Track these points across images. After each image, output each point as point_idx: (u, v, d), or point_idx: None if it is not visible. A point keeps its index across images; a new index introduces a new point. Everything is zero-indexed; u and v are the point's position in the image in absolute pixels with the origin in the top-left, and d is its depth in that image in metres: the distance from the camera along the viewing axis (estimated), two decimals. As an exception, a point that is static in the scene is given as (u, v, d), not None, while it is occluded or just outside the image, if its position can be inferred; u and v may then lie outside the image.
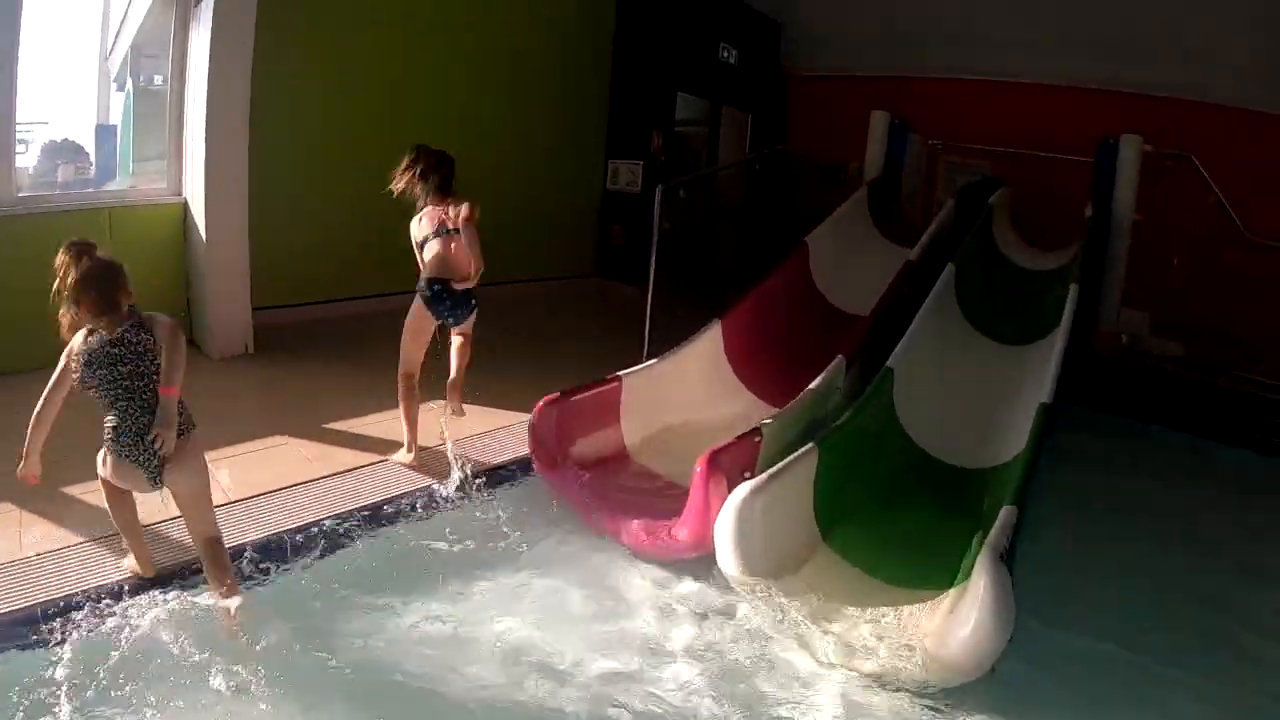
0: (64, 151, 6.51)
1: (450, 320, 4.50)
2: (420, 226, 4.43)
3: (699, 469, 3.65)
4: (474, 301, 4.50)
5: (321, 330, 6.97)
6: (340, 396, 5.36)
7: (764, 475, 3.52)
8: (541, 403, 4.35)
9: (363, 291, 7.53)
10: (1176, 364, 7.22)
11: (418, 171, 4.35)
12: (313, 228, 7.20)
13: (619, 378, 4.71)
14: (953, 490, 4.35)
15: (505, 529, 4.01)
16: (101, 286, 2.76)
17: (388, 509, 4.02)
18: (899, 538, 4.01)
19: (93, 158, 6.71)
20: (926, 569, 3.59)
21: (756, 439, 3.96)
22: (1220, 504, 5.48)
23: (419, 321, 4.46)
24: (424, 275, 4.38)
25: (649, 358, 5.25)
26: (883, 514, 4.15)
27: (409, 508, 4.06)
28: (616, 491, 4.34)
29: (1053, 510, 4.50)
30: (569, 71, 9.59)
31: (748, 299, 5.59)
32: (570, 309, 8.89)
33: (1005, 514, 3.28)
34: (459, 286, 4.35)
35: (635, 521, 3.95)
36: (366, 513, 3.95)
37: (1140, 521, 4.98)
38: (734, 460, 3.79)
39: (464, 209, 4.30)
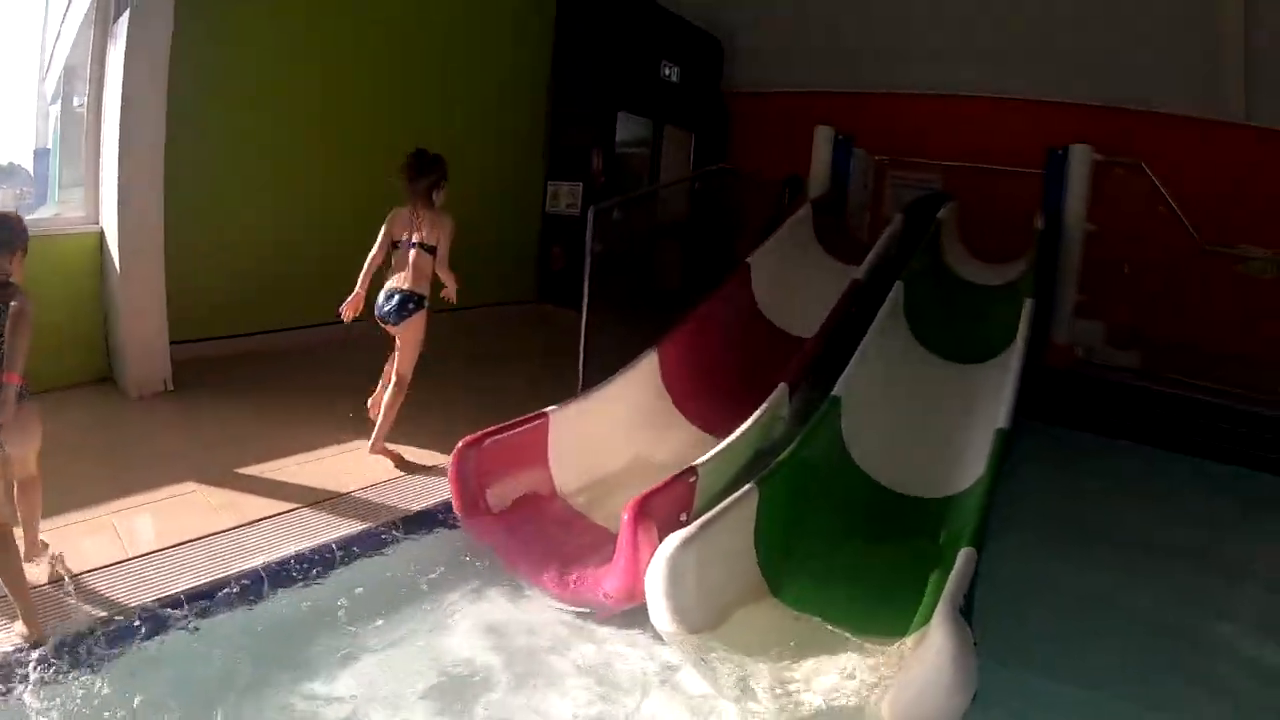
0: (6, 175, 6.34)
1: (395, 319, 4.71)
2: (393, 224, 4.75)
3: (626, 516, 3.32)
4: (412, 305, 4.69)
5: (248, 364, 6.51)
6: (260, 437, 4.94)
7: (697, 522, 3.19)
8: (461, 444, 3.96)
9: (293, 323, 7.11)
10: (1133, 375, 7.06)
11: (407, 172, 4.69)
12: (238, 256, 6.76)
13: (545, 414, 4.33)
14: (908, 522, 4.06)
15: (424, 583, 3.68)
16: None
17: (297, 563, 3.61)
18: (851, 578, 3.69)
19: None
20: (883, 613, 3.29)
21: (691, 479, 3.63)
22: (1183, 519, 5.36)
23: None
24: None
25: (585, 389, 4.91)
26: (833, 553, 3.82)
27: (320, 560, 3.67)
28: (544, 538, 3.97)
29: (1010, 535, 4.19)
30: (506, 91, 9.27)
31: (686, 324, 5.26)
32: (511, 336, 8.54)
33: (964, 559, 2.97)
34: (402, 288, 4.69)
35: (562, 571, 3.63)
36: (274, 568, 3.55)
37: (1102, 544, 4.81)
38: (666, 504, 3.47)
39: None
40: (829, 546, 3.85)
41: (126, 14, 5.32)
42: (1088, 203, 6.62)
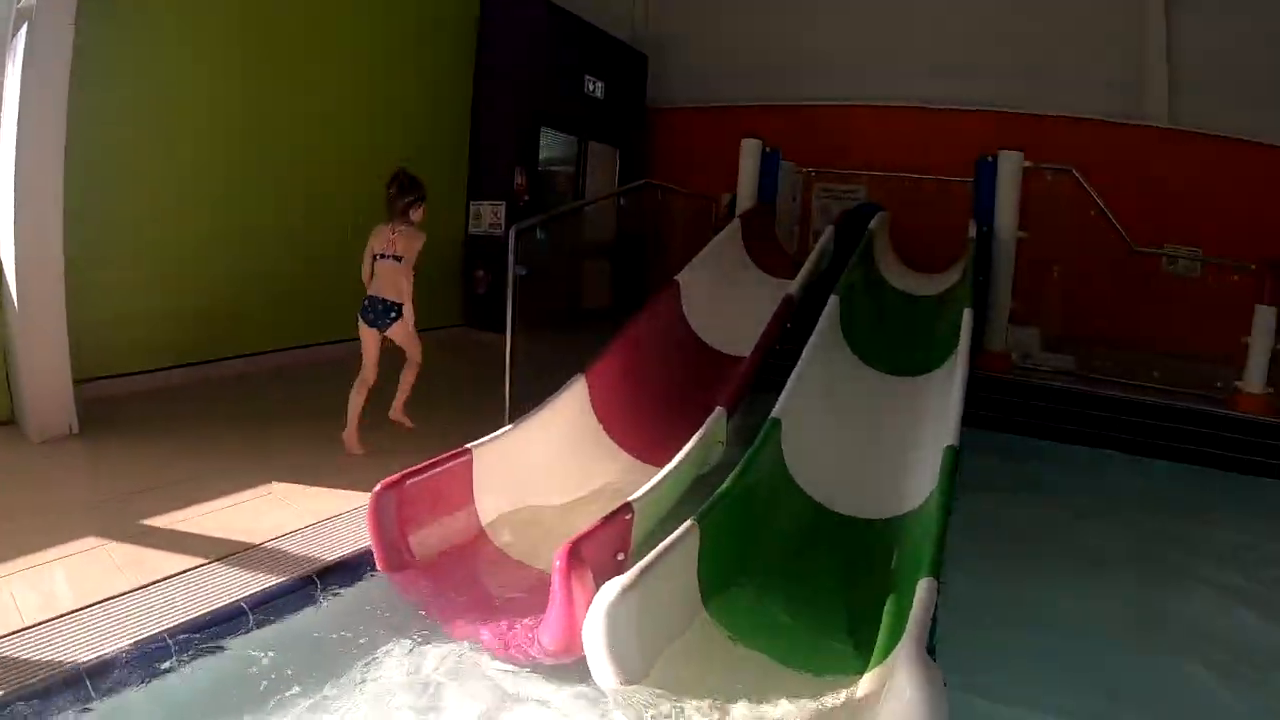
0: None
1: (379, 326, 5.20)
2: (374, 239, 5.20)
3: (558, 563, 3.07)
4: (394, 314, 5.18)
5: (163, 402, 6.06)
6: (171, 483, 4.51)
7: (636, 568, 2.92)
8: (377, 488, 3.61)
9: (214, 354, 6.76)
10: (1070, 378, 7.07)
11: (393, 189, 5.16)
12: (150, 288, 6.34)
13: (468, 450, 4.03)
14: (857, 546, 3.87)
15: (349, 644, 3.33)
16: None
17: (207, 626, 3.23)
18: (802, 611, 3.45)
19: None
20: (839, 648, 3.12)
21: (628, 516, 3.38)
22: (1129, 521, 5.40)
23: (362, 332, 5.24)
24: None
25: (511, 419, 4.65)
26: (781, 585, 3.59)
27: (233, 622, 3.31)
28: (475, 586, 3.67)
29: (961, 550, 4.10)
30: (428, 109, 8.97)
31: (615, 346, 5.00)
32: (436, 363, 8.17)
33: (925, 590, 2.76)
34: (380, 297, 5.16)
35: (497, 623, 3.33)
36: (180, 634, 3.18)
37: (1052, 551, 4.77)
38: (601, 546, 3.22)
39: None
40: (776, 578, 3.62)
41: (24, 29, 4.89)
42: (1019, 209, 6.59)
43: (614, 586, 2.84)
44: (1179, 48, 9.16)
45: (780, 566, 3.69)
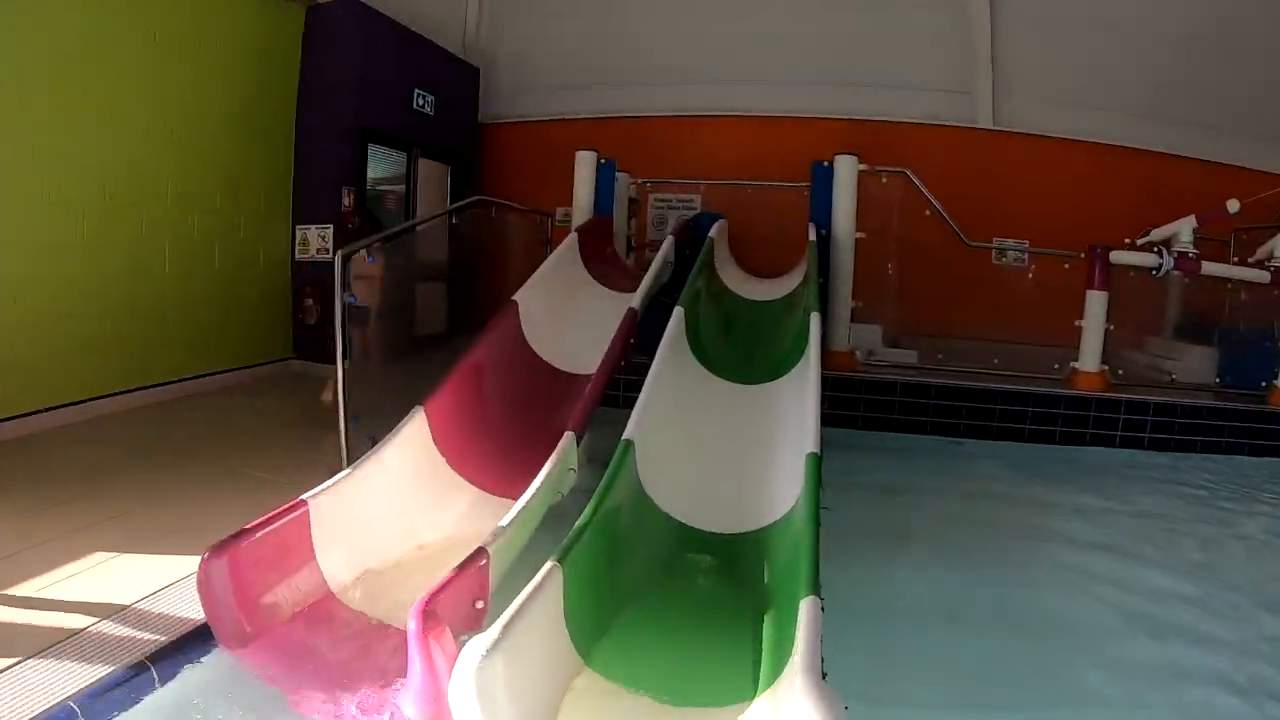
0: None
1: None
2: None
3: (412, 625, 2.78)
4: None
5: None
6: None
7: (499, 624, 2.63)
8: (205, 555, 3.19)
9: (45, 404, 6.16)
10: (914, 371, 7.23)
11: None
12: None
13: (303, 501, 3.66)
14: (724, 563, 3.75)
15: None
16: None
17: None
18: (678, 639, 3.31)
19: None
20: (720, 674, 2.98)
21: (482, 562, 3.14)
22: (983, 502, 5.66)
23: None
24: None
25: (350, 461, 4.30)
26: (653, 613, 3.42)
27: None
28: (326, 653, 3.31)
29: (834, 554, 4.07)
30: (250, 128, 8.36)
31: (454, 375, 4.71)
32: (266, 401, 7.65)
33: (808, 611, 2.60)
34: None
35: (351, 693, 3.01)
36: None
37: (918, 547, 4.85)
38: (457, 598, 2.98)
39: None
40: (647, 607, 3.44)
41: None
42: (856, 211, 6.68)
43: (478, 646, 2.57)
44: (1003, 54, 9.58)
45: (648, 593, 3.53)
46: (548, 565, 2.96)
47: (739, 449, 4.30)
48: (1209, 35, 9.68)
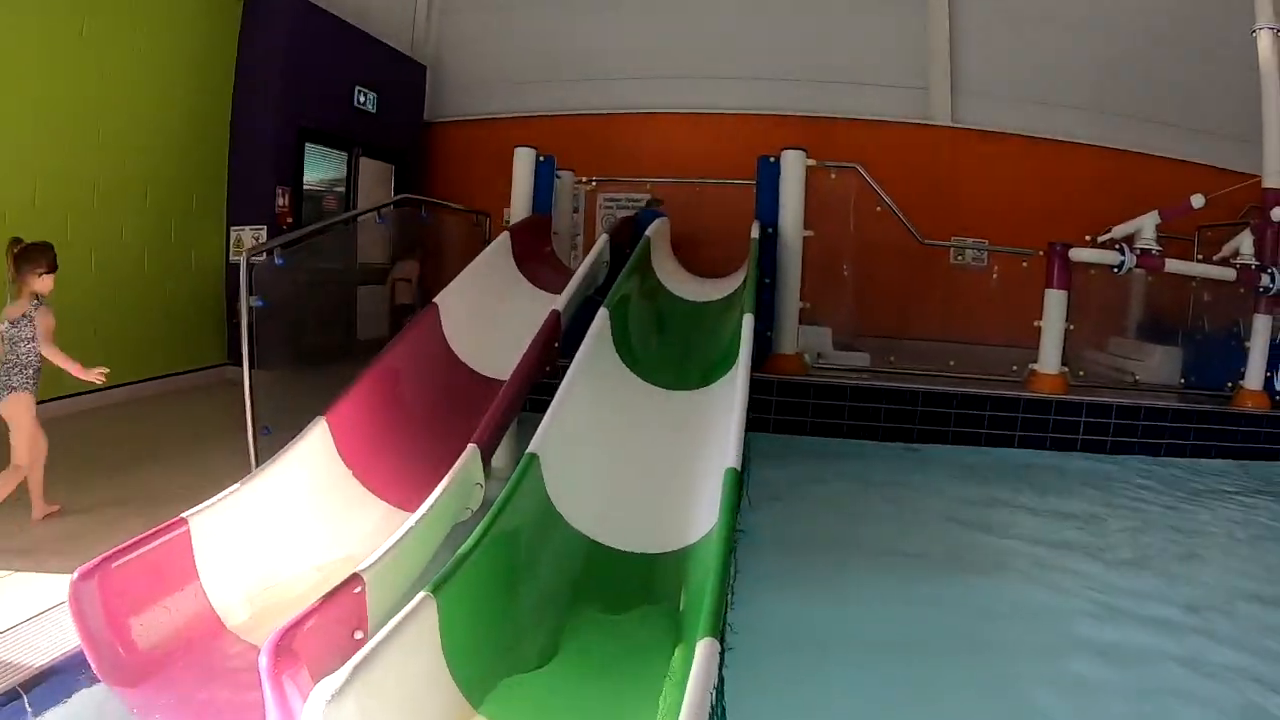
0: None
1: None
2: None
3: (264, 661, 2.46)
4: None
5: None
6: None
7: (351, 662, 2.33)
8: (75, 576, 2.88)
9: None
10: (867, 374, 6.98)
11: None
12: None
13: (183, 520, 3.34)
14: (641, 585, 3.42)
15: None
16: None
17: None
18: (587, 680, 2.95)
19: None
20: (628, 711, 2.66)
21: (358, 589, 2.82)
22: (935, 514, 5.40)
23: None
24: None
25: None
26: (561, 649, 3.06)
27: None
28: (211, 686, 2.99)
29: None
30: (183, 125, 8.00)
31: (360, 383, 4.36)
32: (196, 409, 7.30)
33: (704, 654, 2.30)
34: None
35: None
36: None
37: (861, 565, 4.53)
38: (327, 633, 2.65)
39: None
40: (551, 640, 3.10)
41: None
42: (805, 209, 6.43)
43: (326, 688, 2.24)
44: (961, 49, 9.43)
45: (555, 619, 3.20)
46: (419, 597, 2.63)
47: (663, 460, 3.99)
48: (1170, 34, 9.64)
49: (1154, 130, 9.85)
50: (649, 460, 3.99)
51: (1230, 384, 7.47)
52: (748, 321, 4.32)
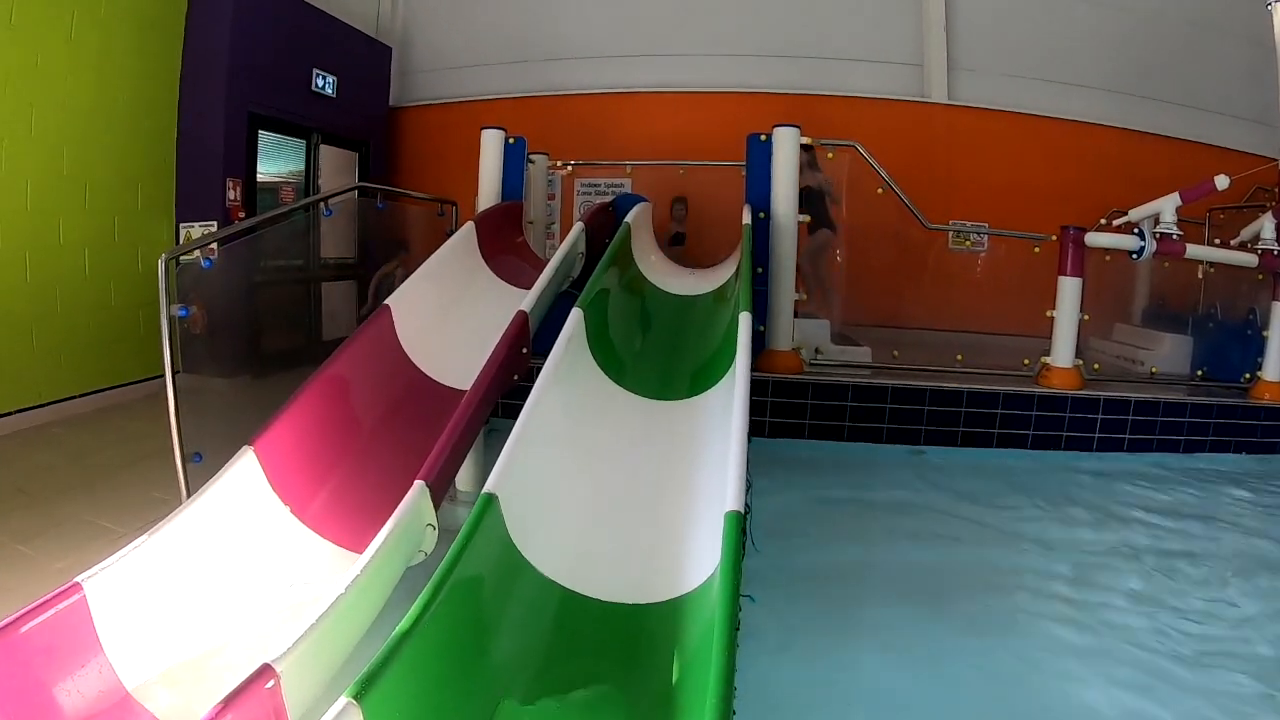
0: None
1: None
2: None
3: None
4: None
5: None
6: None
7: None
8: None
9: None
10: (868, 371, 6.56)
11: None
12: None
13: (77, 586, 2.77)
14: (625, 641, 2.83)
15: None
16: None
17: None
18: None
19: None
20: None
21: (269, 684, 2.25)
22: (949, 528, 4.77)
23: None
24: None
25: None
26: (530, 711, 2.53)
27: None
28: None
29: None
30: (122, 113, 7.36)
31: (295, 404, 3.74)
32: (138, 424, 6.69)
33: None
34: None
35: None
36: None
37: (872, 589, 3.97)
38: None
39: None
40: (522, 703, 2.55)
41: None
42: (800, 189, 5.93)
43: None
44: (958, 22, 8.99)
45: (525, 685, 2.61)
46: (340, 704, 2.01)
47: (649, 487, 3.41)
48: (1177, 9, 9.17)
49: (1161, 109, 9.44)
50: (633, 488, 3.40)
51: (1247, 375, 7.02)
52: (744, 321, 3.69)
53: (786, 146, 5.93)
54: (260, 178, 8.23)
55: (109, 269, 7.25)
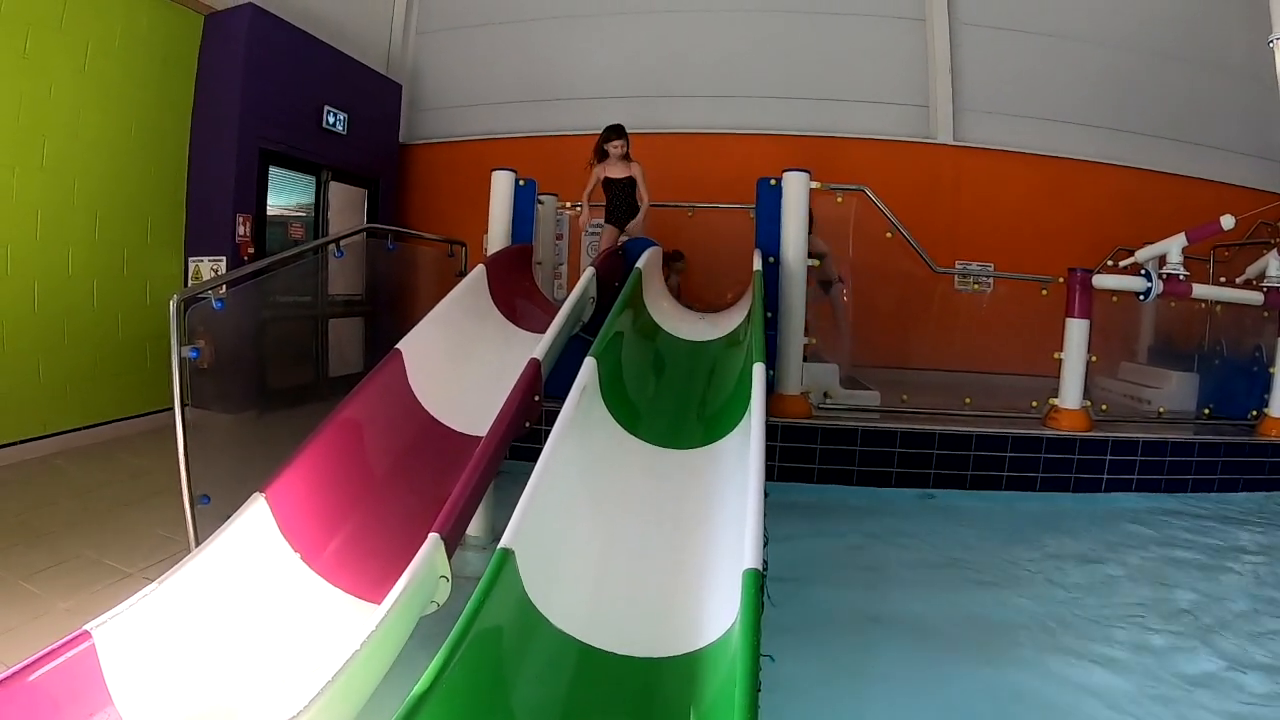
0: None
1: None
2: None
3: None
4: None
5: None
6: None
7: None
8: None
9: None
10: (877, 414, 6.54)
11: None
12: None
13: (86, 635, 2.75)
14: (641, 695, 2.81)
15: None
16: None
17: None
18: None
19: None
20: None
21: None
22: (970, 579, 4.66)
23: None
24: None
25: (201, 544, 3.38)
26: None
27: None
28: None
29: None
30: (134, 147, 7.43)
31: (307, 450, 3.73)
32: (145, 460, 6.67)
33: None
34: None
35: None
36: None
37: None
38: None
39: None
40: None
41: None
42: (810, 235, 5.94)
43: None
44: (964, 65, 9.06)
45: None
46: None
47: (665, 537, 3.39)
48: (1179, 49, 9.28)
49: (1164, 147, 9.50)
50: (647, 540, 3.38)
51: (1254, 412, 7.01)
52: (758, 371, 3.65)
53: (796, 191, 5.94)
54: (269, 213, 8.25)
55: (117, 301, 7.28)
